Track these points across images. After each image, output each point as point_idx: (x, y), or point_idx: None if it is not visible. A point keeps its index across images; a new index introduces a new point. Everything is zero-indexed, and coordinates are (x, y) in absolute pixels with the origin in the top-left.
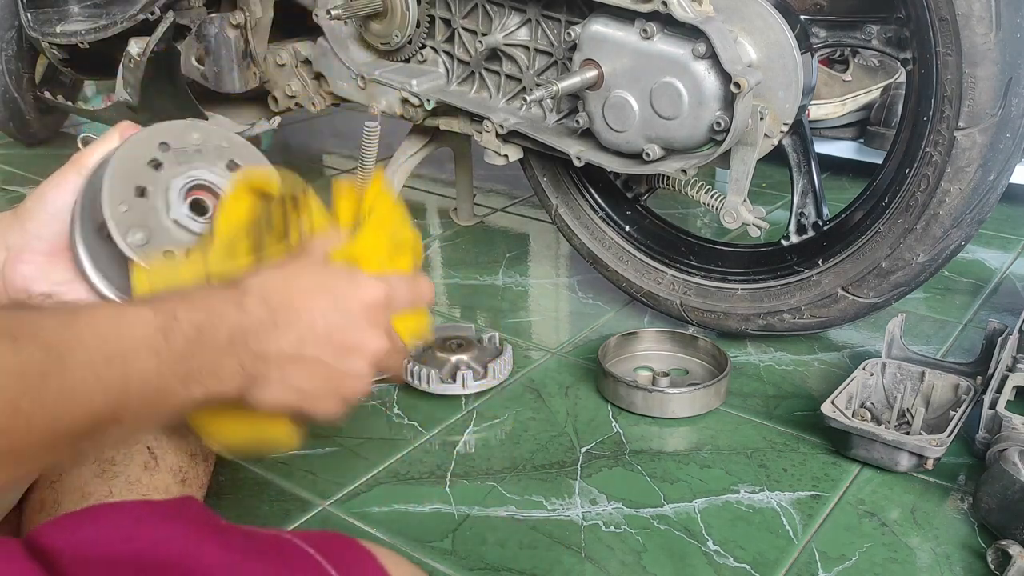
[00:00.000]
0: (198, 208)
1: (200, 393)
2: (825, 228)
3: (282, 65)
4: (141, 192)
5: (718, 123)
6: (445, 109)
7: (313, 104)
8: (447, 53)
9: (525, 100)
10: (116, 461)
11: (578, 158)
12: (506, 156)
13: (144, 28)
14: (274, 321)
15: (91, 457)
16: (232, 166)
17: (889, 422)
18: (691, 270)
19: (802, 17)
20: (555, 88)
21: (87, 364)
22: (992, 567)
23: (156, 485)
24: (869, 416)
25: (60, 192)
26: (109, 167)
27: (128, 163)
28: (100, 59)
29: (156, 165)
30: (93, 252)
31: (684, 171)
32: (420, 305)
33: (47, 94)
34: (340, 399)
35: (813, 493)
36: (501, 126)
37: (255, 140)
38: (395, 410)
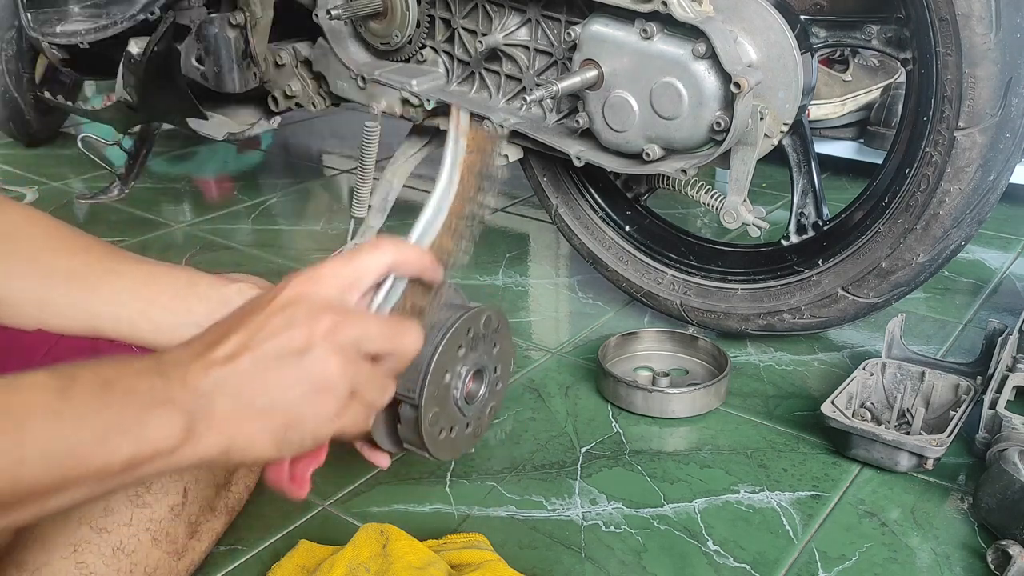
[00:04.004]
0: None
1: (125, 452)
2: (825, 228)
3: (282, 65)
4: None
5: (718, 123)
6: (445, 109)
7: (313, 104)
8: (447, 53)
9: (525, 100)
10: (150, 489)
11: (578, 158)
12: (506, 156)
13: (144, 28)
14: (206, 347)
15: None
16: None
17: (889, 422)
18: (691, 270)
19: (802, 17)
20: (555, 88)
21: None
22: (992, 567)
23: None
24: (869, 416)
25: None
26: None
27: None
28: (100, 59)
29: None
30: None
31: (684, 171)
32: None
33: (47, 94)
34: (332, 411)
35: (813, 493)
36: (501, 126)
37: (255, 140)
38: None
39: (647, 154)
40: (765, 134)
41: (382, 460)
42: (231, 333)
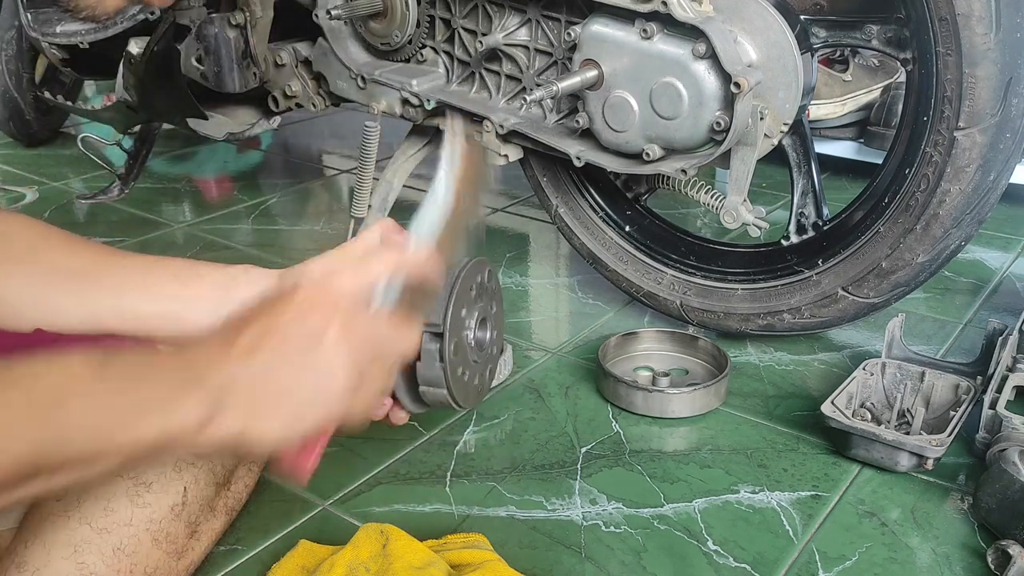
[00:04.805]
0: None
1: (155, 428)
2: (825, 228)
3: (282, 65)
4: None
5: (718, 123)
6: (445, 109)
7: (313, 104)
8: (447, 53)
9: (525, 100)
10: (151, 489)
11: (578, 158)
12: (506, 156)
13: (144, 28)
14: (228, 338)
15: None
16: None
17: (889, 422)
18: (691, 270)
19: (802, 17)
20: (555, 88)
21: (20, 406)
22: (992, 567)
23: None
24: (869, 416)
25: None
26: (455, 288)
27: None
28: (100, 59)
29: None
30: None
31: (684, 171)
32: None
33: (47, 94)
34: (347, 405)
35: (813, 493)
36: (501, 126)
37: (255, 140)
38: None
39: (647, 154)
40: (765, 134)
41: (400, 417)
42: (251, 326)
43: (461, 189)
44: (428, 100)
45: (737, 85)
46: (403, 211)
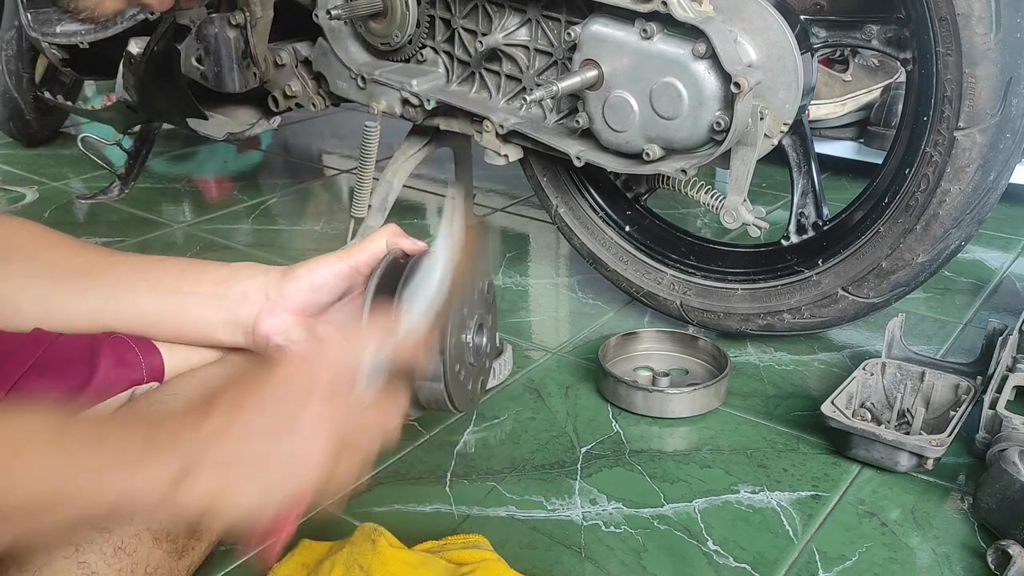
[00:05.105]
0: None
1: (116, 487)
2: (825, 228)
3: (282, 65)
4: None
5: (718, 123)
6: (445, 109)
7: (313, 104)
8: (447, 53)
9: (525, 100)
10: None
11: (578, 158)
12: (506, 156)
13: (144, 28)
14: (203, 413)
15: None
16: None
17: (889, 422)
18: (691, 270)
19: (802, 17)
20: (555, 88)
21: None
22: (992, 567)
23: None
24: (869, 416)
25: (328, 272)
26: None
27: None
28: (100, 59)
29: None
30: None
31: (684, 171)
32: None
33: (47, 94)
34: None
35: (813, 493)
36: (501, 126)
37: (255, 140)
38: None
39: (647, 154)
40: (765, 134)
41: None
42: (229, 399)
43: (459, 267)
44: (428, 100)
45: (737, 85)
46: (403, 211)
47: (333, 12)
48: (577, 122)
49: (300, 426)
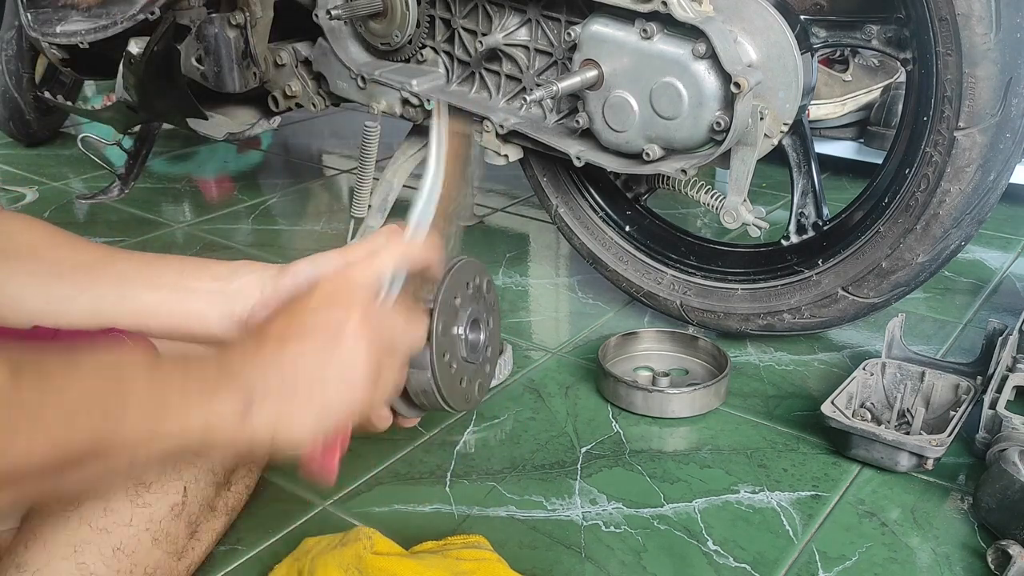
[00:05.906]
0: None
1: (199, 417)
2: (825, 228)
3: (282, 65)
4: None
5: (718, 123)
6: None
7: (313, 104)
8: (447, 53)
9: (525, 100)
10: (150, 488)
11: (578, 158)
12: (506, 156)
13: (144, 28)
14: (257, 341)
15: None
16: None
17: (889, 422)
18: (691, 270)
19: (802, 17)
20: (555, 88)
21: (85, 390)
22: (992, 567)
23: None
24: (869, 416)
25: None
26: (445, 284)
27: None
28: (100, 59)
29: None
30: None
31: (684, 171)
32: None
33: (47, 94)
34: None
35: (813, 493)
36: (501, 126)
37: (255, 140)
38: None
39: (647, 154)
40: (765, 134)
41: (412, 422)
42: (277, 322)
43: (450, 171)
44: (428, 100)
45: (737, 85)
46: (403, 211)
47: (333, 12)
48: (577, 122)
49: (343, 342)
